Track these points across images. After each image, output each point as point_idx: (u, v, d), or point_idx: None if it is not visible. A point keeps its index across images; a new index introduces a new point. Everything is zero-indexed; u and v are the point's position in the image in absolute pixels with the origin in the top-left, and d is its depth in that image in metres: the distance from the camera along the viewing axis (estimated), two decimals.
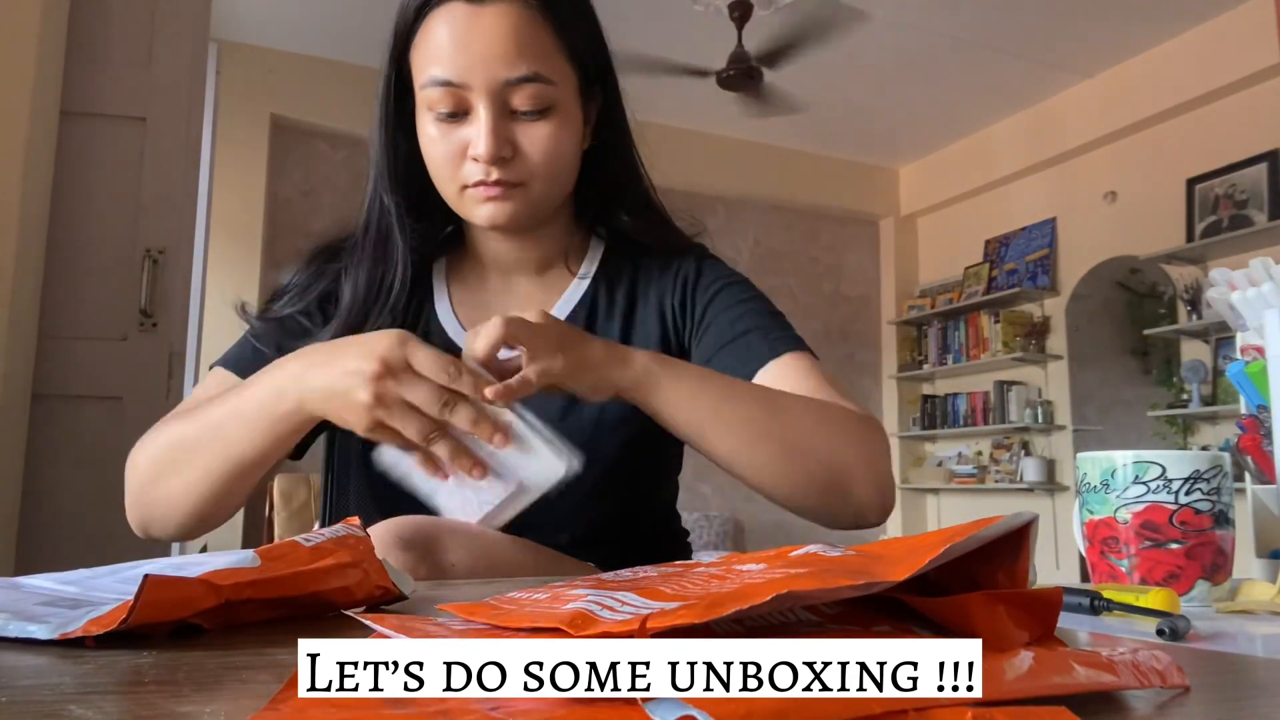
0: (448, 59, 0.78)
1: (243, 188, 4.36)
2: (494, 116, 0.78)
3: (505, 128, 0.79)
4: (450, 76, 0.78)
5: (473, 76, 0.77)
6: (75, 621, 0.36)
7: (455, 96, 0.78)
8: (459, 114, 0.80)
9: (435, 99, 0.79)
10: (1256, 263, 0.86)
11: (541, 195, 0.83)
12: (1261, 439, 0.82)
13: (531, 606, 0.34)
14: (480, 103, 0.78)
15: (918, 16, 4.18)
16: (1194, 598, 0.64)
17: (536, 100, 0.79)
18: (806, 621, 0.32)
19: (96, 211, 2.11)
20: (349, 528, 0.51)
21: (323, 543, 0.48)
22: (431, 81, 0.79)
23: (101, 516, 1.96)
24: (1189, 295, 4.38)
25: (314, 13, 4.22)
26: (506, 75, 0.78)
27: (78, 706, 0.28)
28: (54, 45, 2.06)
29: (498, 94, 0.78)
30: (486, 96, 0.78)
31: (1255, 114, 4.15)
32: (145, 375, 2.09)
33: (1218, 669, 0.38)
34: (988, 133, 5.43)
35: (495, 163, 0.79)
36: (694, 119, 5.19)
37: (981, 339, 5.47)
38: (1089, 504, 0.68)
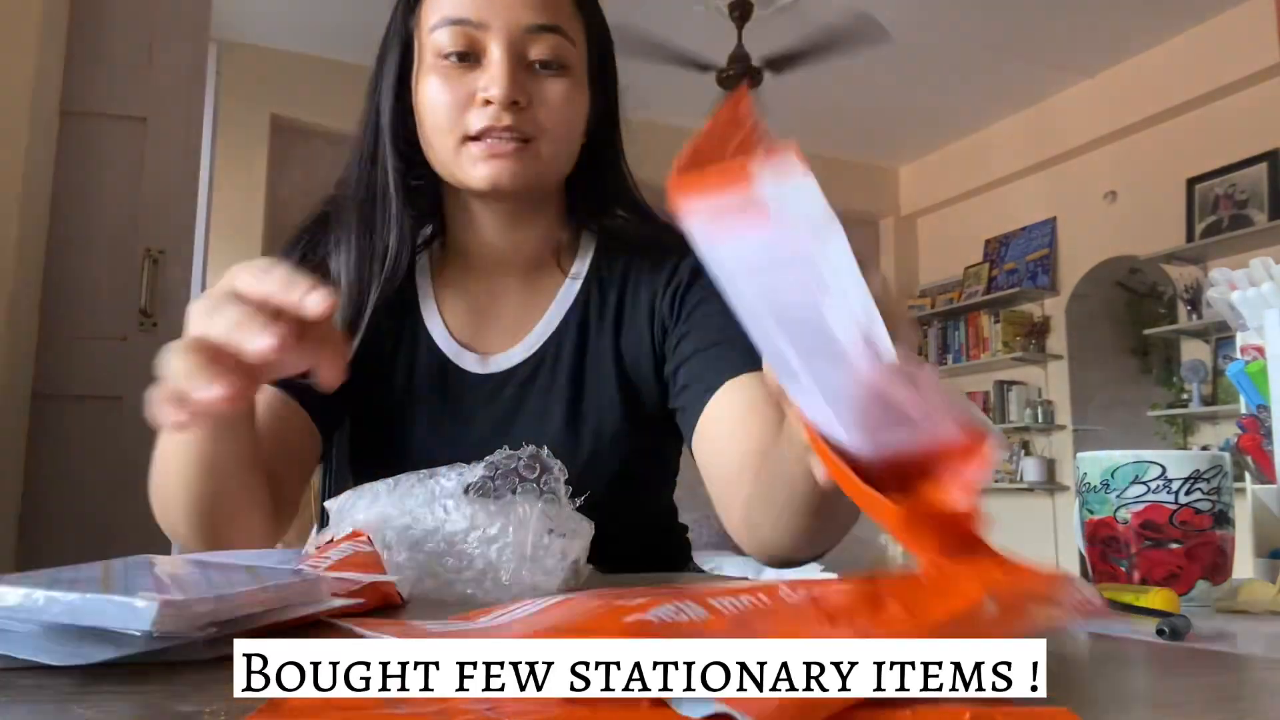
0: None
1: (243, 188, 4.35)
2: (510, 59, 0.74)
3: (521, 74, 0.75)
4: (468, 14, 0.74)
5: (493, 17, 0.74)
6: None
7: (469, 37, 0.74)
8: (470, 57, 0.75)
9: (445, 41, 0.74)
10: (1256, 263, 0.86)
11: (548, 159, 0.78)
12: (1261, 439, 0.82)
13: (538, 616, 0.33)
14: (496, 45, 0.74)
15: (918, 16, 4.17)
16: (1194, 598, 0.64)
17: (555, 52, 0.76)
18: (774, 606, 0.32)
19: (96, 211, 2.11)
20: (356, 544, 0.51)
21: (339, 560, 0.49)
22: (444, 21, 0.74)
23: (102, 516, 1.96)
24: (1189, 295, 4.37)
25: (314, 13, 4.21)
26: (528, 20, 0.74)
27: (78, 706, 0.28)
28: (54, 45, 2.06)
29: (516, 39, 0.74)
30: (504, 39, 0.74)
31: (1255, 114, 4.15)
32: (145, 375, 2.05)
33: (1218, 669, 0.38)
34: (988, 133, 5.42)
35: (508, 107, 0.74)
36: (694, 118, 5.19)
37: (981, 339, 5.47)
38: (1089, 504, 0.68)
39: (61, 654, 0.32)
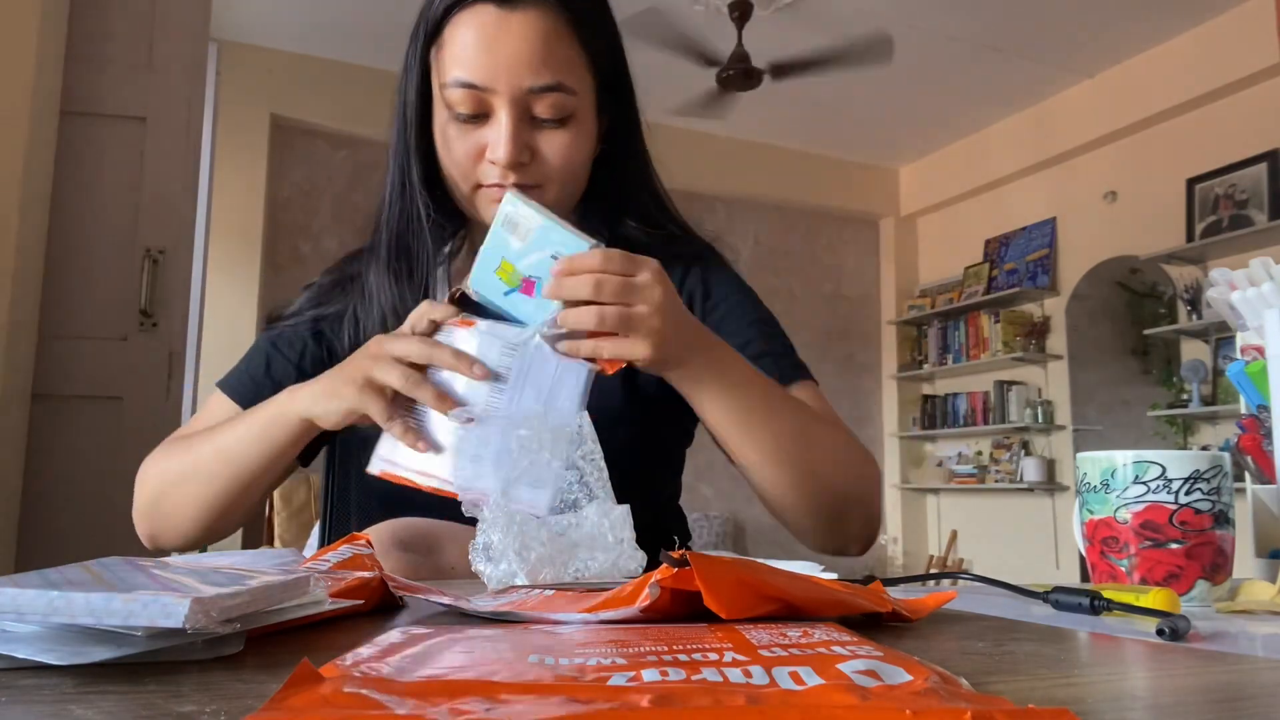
0: (473, 62, 0.78)
1: (243, 188, 4.36)
2: (515, 122, 0.78)
3: (525, 134, 0.80)
4: (475, 79, 0.78)
5: (497, 81, 0.78)
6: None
7: (477, 99, 0.79)
8: (479, 116, 0.80)
9: (457, 100, 0.79)
10: (1256, 263, 0.86)
11: (554, 200, 0.83)
12: (1261, 439, 0.82)
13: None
14: (502, 108, 0.78)
15: (918, 17, 4.18)
16: (1194, 598, 0.64)
17: (557, 109, 0.80)
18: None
19: (96, 211, 2.11)
20: (354, 547, 0.52)
21: (337, 563, 0.49)
22: (455, 83, 0.79)
23: (101, 516, 1.96)
24: (1189, 295, 4.38)
25: (314, 13, 4.21)
26: (531, 83, 0.78)
27: (78, 706, 0.28)
28: (54, 45, 2.06)
29: (520, 100, 0.78)
30: (509, 102, 0.78)
31: (1255, 114, 4.15)
32: (145, 375, 2.09)
33: (1218, 669, 0.38)
34: (988, 133, 5.43)
35: (514, 168, 0.80)
36: (694, 119, 5.19)
37: (981, 339, 5.47)
38: (1089, 504, 0.68)
39: (63, 654, 0.32)
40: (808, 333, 5.68)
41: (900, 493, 5.88)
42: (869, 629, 0.44)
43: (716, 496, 5.21)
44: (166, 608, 0.32)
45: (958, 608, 0.55)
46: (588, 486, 0.63)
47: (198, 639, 0.34)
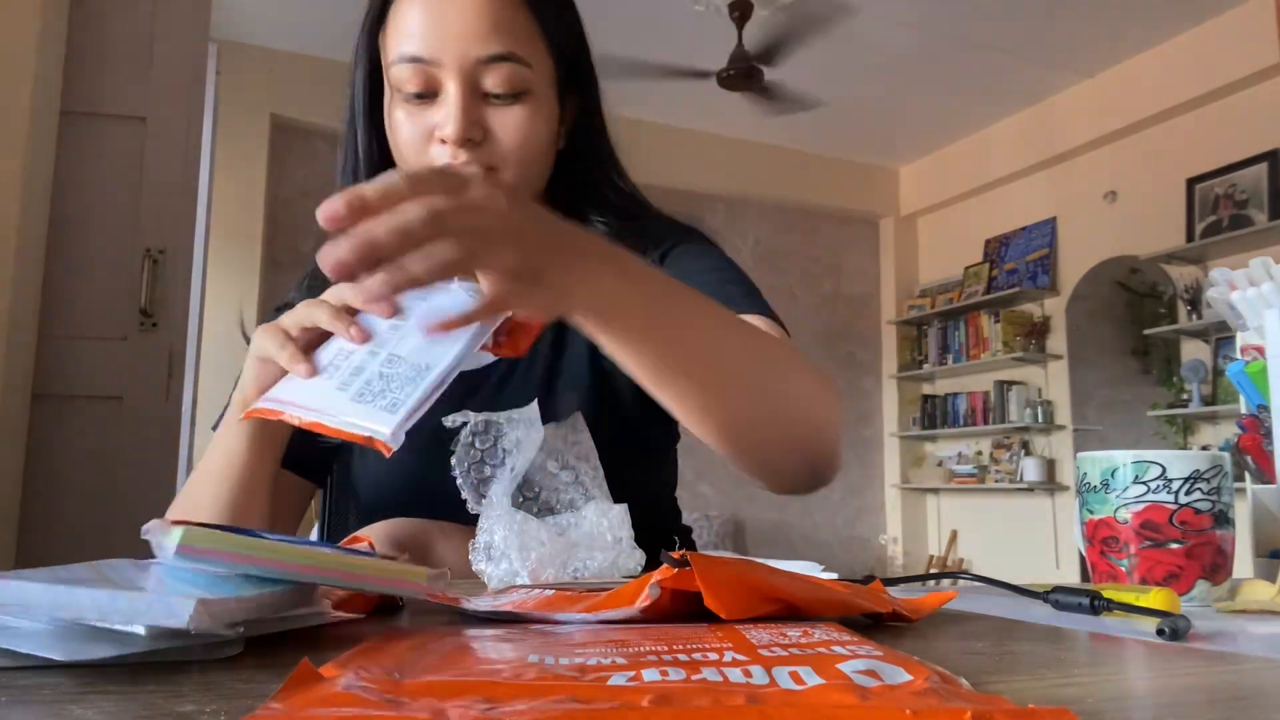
0: (419, 34, 0.74)
1: (243, 188, 4.36)
2: (464, 95, 0.74)
3: (475, 109, 0.75)
4: (420, 52, 0.74)
5: (444, 53, 0.74)
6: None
7: (425, 74, 0.75)
8: (428, 95, 0.75)
9: (404, 77, 0.75)
10: (1256, 263, 0.86)
11: (512, 185, 0.77)
12: (1261, 439, 0.82)
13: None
14: (450, 81, 0.74)
15: (917, 16, 4.17)
16: (1194, 598, 0.64)
17: (510, 82, 0.75)
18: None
19: (96, 211, 2.11)
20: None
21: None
22: (401, 58, 0.75)
23: (101, 516, 1.96)
24: (1189, 295, 4.37)
25: (314, 13, 4.21)
26: (479, 52, 0.74)
27: (78, 706, 0.28)
28: (54, 45, 2.06)
29: (469, 72, 0.74)
30: (457, 74, 0.74)
31: (1255, 114, 4.15)
32: (145, 375, 2.09)
33: (1218, 669, 0.38)
34: (988, 133, 5.42)
35: (463, 145, 0.75)
36: (694, 119, 5.19)
37: (981, 339, 5.47)
38: (1089, 504, 0.68)
39: (65, 650, 0.32)
40: (808, 333, 5.68)
41: (900, 492, 5.88)
42: (869, 629, 0.44)
43: (716, 496, 5.21)
44: (171, 607, 0.32)
45: (958, 608, 0.55)
46: (584, 486, 0.63)
47: (199, 640, 0.34)
